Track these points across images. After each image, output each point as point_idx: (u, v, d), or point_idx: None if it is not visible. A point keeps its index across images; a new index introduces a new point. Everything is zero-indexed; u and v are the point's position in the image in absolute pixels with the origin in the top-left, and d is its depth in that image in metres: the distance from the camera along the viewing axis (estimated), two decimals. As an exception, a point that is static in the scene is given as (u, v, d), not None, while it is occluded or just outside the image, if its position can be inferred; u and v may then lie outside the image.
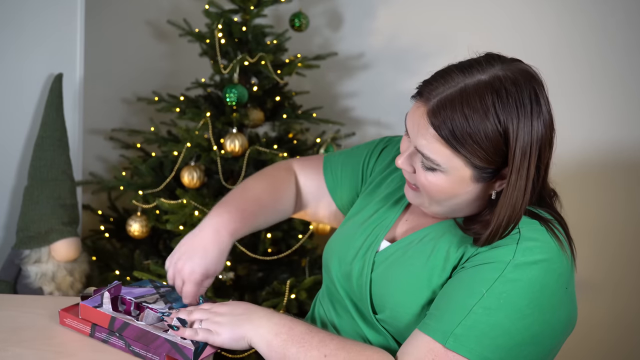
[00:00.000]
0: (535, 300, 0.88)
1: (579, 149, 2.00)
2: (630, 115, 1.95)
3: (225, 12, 2.02)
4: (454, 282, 0.92)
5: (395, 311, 0.98)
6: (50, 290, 1.79)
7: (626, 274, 1.99)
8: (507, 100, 0.86)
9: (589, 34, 1.97)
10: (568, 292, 0.93)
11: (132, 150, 2.22)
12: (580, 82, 1.99)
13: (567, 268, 0.92)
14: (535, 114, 0.88)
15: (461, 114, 0.86)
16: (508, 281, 0.87)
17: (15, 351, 1.00)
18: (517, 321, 0.87)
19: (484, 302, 0.87)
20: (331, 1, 2.33)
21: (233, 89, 1.89)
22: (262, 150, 1.92)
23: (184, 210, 1.82)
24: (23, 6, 1.88)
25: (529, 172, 0.88)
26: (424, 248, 0.98)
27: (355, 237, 1.09)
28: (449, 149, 0.88)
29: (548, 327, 0.90)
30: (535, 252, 0.89)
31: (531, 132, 0.87)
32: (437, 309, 0.91)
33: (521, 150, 0.87)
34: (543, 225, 0.92)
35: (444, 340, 0.86)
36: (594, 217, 2.00)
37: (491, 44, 2.08)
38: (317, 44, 2.35)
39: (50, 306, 1.16)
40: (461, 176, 0.91)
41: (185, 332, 0.98)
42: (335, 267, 1.10)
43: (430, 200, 0.96)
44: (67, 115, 1.91)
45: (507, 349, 0.87)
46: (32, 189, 1.85)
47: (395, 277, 0.99)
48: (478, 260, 0.91)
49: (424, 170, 0.93)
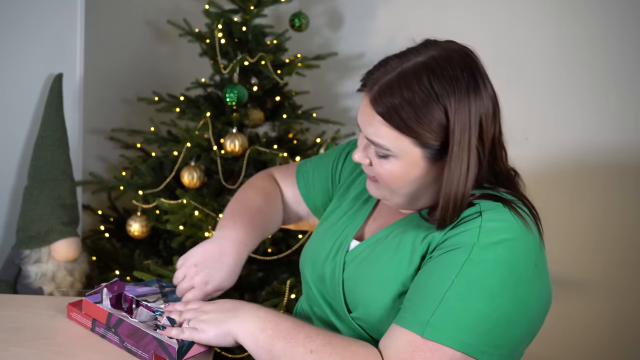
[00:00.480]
0: (505, 279, 0.88)
1: (578, 149, 2.00)
2: (629, 117, 1.95)
3: (225, 12, 2.02)
4: (423, 272, 0.93)
5: (367, 308, 0.98)
6: (50, 290, 1.79)
7: (624, 274, 1.99)
8: (442, 76, 0.90)
9: (590, 34, 1.97)
10: (538, 269, 0.93)
11: (132, 150, 2.23)
12: (581, 83, 2.00)
13: (534, 245, 0.93)
14: (471, 89, 0.91)
15: (400, 96, 0.90)
16: (475, 263, 0.88)
17: (15, 351, 1.00)
18: (490, 302, 0.87)
19: (455, 288, 0.87)
20: (331, 1, 2.33)
21: (233, 89, 1.89)
22: (262, 150, 1.92)
23: (184, 210, 1.82)
24: (23, 6, 1.88)
25: (470, 145, 0.91)
26: (391, 244, 0.99)
27: (325, 240, 1.10)
28: (395, 130, 0.91)
29: (522, 305, 0.90)
30: (499, 232, 0.90)
31: (468, 105, 0.91)
32: (411, 300, 0.91)
33: (460, 123, 0.90)
34: (506, 206, 0.93)
35: (421, 331, 0.87)
36: (594, 217, 2.00)
37: (491, 43, 2.08)
38: (317, 44, 2.35)
39: (50, 306, 1.16)
40: (412, 158, 0.93)
41: (172, 332, 0.98)
42: (310, 271, 1.11)
43: (390, 191, 0.98)
44: (67, 115, 1.91)
45: (485, 331, 0.87)
46: (32, 189, 1.85)
47: (365, 274, 1.00)
48: (444, 248, 0.92)
49: (379, 159, 0.95)
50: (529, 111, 2.05)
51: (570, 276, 2.02)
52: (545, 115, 2.03)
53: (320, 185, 1.23)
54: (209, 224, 1.82)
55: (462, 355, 0.86)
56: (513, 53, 2.06)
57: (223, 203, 1.90)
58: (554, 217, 2.02)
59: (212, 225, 1.82)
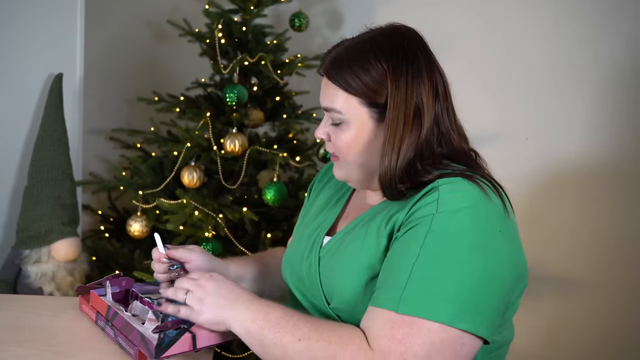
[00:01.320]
0: (471, 245, 0.90)
1: (579, 149, 2.00)
2: (628, 117, 1.95)
3: (225, 12, 2.02)
4: (391, 253, 0.95)
5: (341, 296, 1.01)
6: (50, 290, 1.79)
7: (621, 273, 1.99)
8: (383, 44, 1.02)
9: (586, 36, 1.97)
10: (504, 235, 0.93)
11: (132, 150, 2.22)
12: (581, 83, 2.00)
13: (496, 212, 0.94)
14: (410, 56, 1.01)
15: (347, 62, 1.02)
16: (437, 232, 0.90)
17: (15, 351, 1.00)
18: (457, 269, 0.88)
19: (421, 260, 0.89)
20: (331, 1, 2.34)
21: (233, 89, 1.89)
22: (262, 150, 1.92)
23: (184, 210, 1.82)
24: (23, 7, 1.88)
25: (408, 103, 0.98)
26: (359, 233, 1.03)
27: (301, 241, 1.16)
28: (343, 90, 1.02)
29: (493, 271, 0.90)
30: (458, 201, 0.92)
31: (405, 72, 1.00)
32: (382, 281, 0.94)
33: (396, 84, 0.99)
34: (464, 178, 0.96)
35: (395, 307, 0.88)
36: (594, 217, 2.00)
37: (491, 43, 2.09)
38: (317, 44, 2.36)
39: (50, 306, 1.16)
40: (361, 120, 1.02)
41: (168, 308, 1.00)
42: (289, 274, 1.16)
43: (349, 165, 1.05)
44: (67, 115, 1.91)
45: (459, 301, 0.88)
46: (32, 189, 1.85)
47: (337, 265, 1.03)
48: (408, 225, 0.94)
49: (334, 129, 1.04)
50: (529, 111, 2.05)
51: (568, 275, 2.02)
52: (545, 115, 2.03)
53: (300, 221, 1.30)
54: (209, 224, 1.82)
55: (440, 325, 0.86)
56: (513, 53, 2.06)
57: (223, 203, 1.90)
58: (554, 218, 2.02)
59: (212, 225, 1.82)
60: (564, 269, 2.03)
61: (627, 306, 2.00)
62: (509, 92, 2.08)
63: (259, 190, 2.07)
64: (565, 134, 2.01)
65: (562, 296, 2.04)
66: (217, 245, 1.81)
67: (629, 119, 1.95)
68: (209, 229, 1.81)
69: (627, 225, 1.97)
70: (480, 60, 2.10)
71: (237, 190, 2.03)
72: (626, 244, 1.98)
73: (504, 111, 2.08)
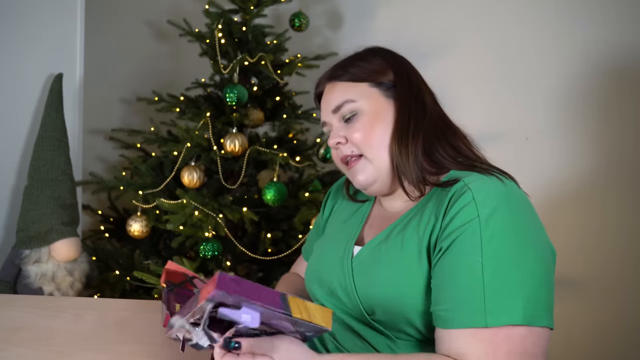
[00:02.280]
0: (520, 243, 0.91)
1: (579, 150, 2.00)
2: (628, 117, 1.95)
3: (225, 12, 2.02)
4: (445, 270, 0.92)
5: (386, 308, 0.98)
6: (50, 290, 1.79)
7: (625, 274, 2.00)
8: (375, 49, 1.15)
9: (588, 33, 1.97)
10: (536, 224, 0.96)
11: (132, 150, 2.22)
12: (582, 83, 2.00)
13: (523, 202, 0.96)
14: (398, 56, 1.13)
15: (348, 63, 1.12)
16: (490, 237, 0.90)
17: (15, 351, 1.00)
18: (520, 269, 0.89)
19: (487, 269, 0.88)
20: (331, 1, 2.34)
21: (233, 89, 1.89)
22: (262, 150, 1.92)
23: (184, 210, 1.82)
24: (23, 6, 1.88)
25: (411, 79, 1.08)
26: (394, 242, 1.01)
27: (327, 254, 1.14)
28: (351, 82, 1.09)
29: (543, 261, 0.92)
30: (493, 200, 0.92)
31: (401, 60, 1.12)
32: (450, 301, 0.91)
33: (396, 64, 1.10)
34: (481, 173, 0.98)
35: (483, 323, 0.87)
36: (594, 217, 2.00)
37: (491, 43, 2.08)
38: (317, 44, 2.36)
39: (50, 306, 1.16)
40: (375, 100, 1.07)
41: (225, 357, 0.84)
42: (317, 289, 1.13)
43: (374, 158, 1.05)
44: (67, 115, 1.91)
45: (533, 297, 0.88)
46: (32, 189, 1.84)
47: (378, 276, 1.00)
48: (452, 235, 0.93)
49: (348, 126, 1.07)
50: (529, 111, 2.05)
51: (568, 276, 2.02)
52: (545, 115, 2.03)
53: (316, 237, 1.30)
54: (209, 224, 1.82)
55: (527, 328, 0.87)
56: (513, 53, 2.06)
57: (223, 203, 1.90)
58: (554, 218, 2.02)
59: (212, 225, 1.82)
60: (563, 269, 2.03)
61: (627, 306, 2.00)
62: (509, 92, 2.08)
63: (259, 190, 2.07)
64: (565, 134, 2.01)
65: (562, 296, 2.05)
66: (217, 245, 1.81)
67: (630, 119, 1.95)
68: (209, 229, 1.81)
69: (627, 225, 1.97)
70: (480, 60, 2.10)
71: (237, 190, 2.03)
72: (626, 244, 1.98)
73: (504, 111, 2.08)
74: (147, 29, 2.44)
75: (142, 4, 2.41)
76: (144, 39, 2.45)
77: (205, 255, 1.79)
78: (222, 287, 0.74)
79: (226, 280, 0.74)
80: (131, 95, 2.36)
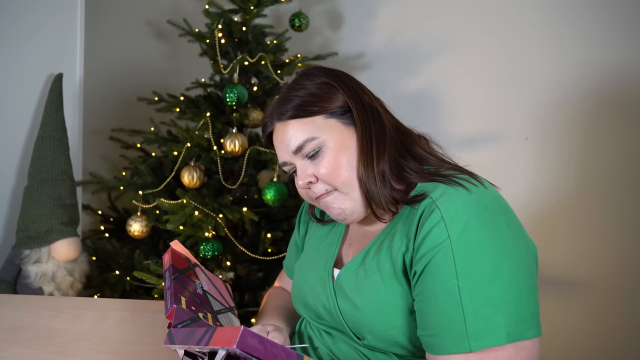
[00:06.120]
0: (495, 255, 0.88)
1: (579, 150, 2.00)
2: (628, 117, 1.95)
3: (225, 12, 2.02)
4: (424, 295, 0.92)
5: (375, 332, 0.98)
6: (50, 290, 1.79)
7: (624, 275, 2.00)
8: (311, 73, 1.07)
9: (590, 33, 1.97)
10: (512, 227, 0.93)
11: (132, 150, 2.23)
12: (582, 83, 2.00)
13: (494, 207, 0.93)
14: (338, 72, 1.07)
15: (291, 98, 1.05)
16: (463, 257, 0.88)
17: (15, 351, 1.00)
18: (498, 283, 0.87)
19: (464, 291, 0.87)
20: (331, 1, 2.34)
21: (233, 89, 1.89)
22: (262, 150, 1.92)
23: (184, 210, 1.82)
24: (23, 6, 1.88)
25: (362, 98, 1.04)
26: (371, 266, 1.01)
27: (308, 279, 1.14)
28: (305, 118, 1.03)
29: (521, 264, 0.90)
30: (461, 214, 0.90)
31: (343, 78, 1.06)
32: (434, 327, 0.90)
33: (343, 85, 1.04)
34: (445, 184, 0.95)
35: (467, 348, 0.86)
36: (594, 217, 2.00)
37: (490, 43, 2.08)
38: (317, 44, 2.36)
39: (50, 306, 1.16)
40: (336, 130, 1.03)
41: None
42: (303, 310, 1.15)
43: (340, 190, 1.02)
44: (67, 115, 1.91)
45: (514, 311, 0.87)
46: (32, 189, 1.85)
47: (361, 301, 1.00)
48: (423, 260, 0.91)
49: (313, 163, 1.03)
50: (529, 111, 2.05)
51: (567, 276, 2.02)
52: (545, 115, 2.03)
53: (296, 255, 1.30)
54: (209, 224, 1.82)
55: (513, 345, 0.86)
56: (513, 53, 2.06)
57: (223, 203, 1.90)
58: (554, 218, 2.02)
59: (212, 225, 1.82)
60: (563, 269, 2.03)
61: (628, 306, 2.00)
62: (509, 92, 2.08)
63: (259, 190, 2.07)
64: (566, 134, 2.01)
65: (561, 296, 2.04)
66: (217, 245, 1.81)
67: (631, 119, 1.95)
68: (209, 229, 1.81)
69: (627, 225, 1.97)
70: (480, 60, 2.10)
71: (237, 190, 2.03)
72: (626, 244, 1.98)
73: (504, 111, 2.09)
74: (147, 29, 2.44)
75: (142, 4, 2.41)
76: (144, 39, 2.45)
77: (205, 255, 1.79)
78: (243, 347, 0.72)
79: (248, 340, 0.72)
80: (131, 95, 2.36)
